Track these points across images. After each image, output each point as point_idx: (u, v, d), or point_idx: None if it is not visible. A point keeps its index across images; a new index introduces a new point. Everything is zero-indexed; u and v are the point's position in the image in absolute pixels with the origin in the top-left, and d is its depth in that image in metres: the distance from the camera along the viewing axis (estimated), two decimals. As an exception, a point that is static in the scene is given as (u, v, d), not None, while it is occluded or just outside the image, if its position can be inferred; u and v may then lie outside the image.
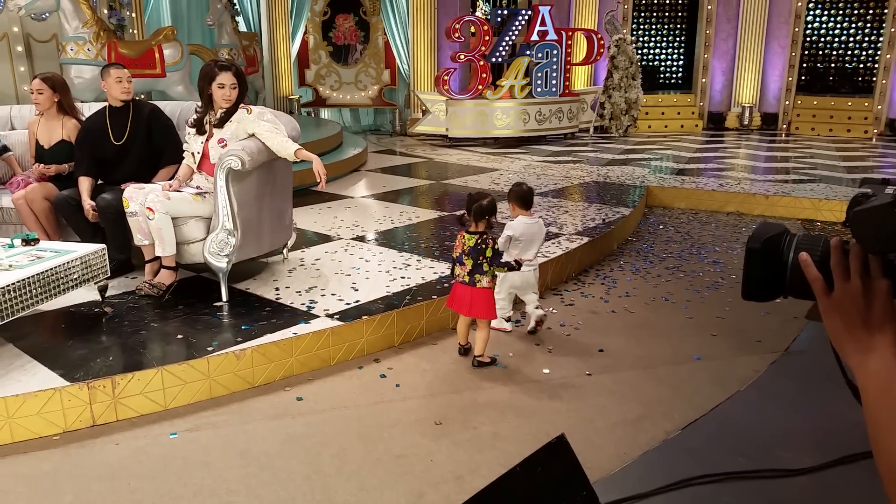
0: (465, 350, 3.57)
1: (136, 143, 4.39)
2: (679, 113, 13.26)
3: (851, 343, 0.92)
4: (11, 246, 3.52)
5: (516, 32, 10.99)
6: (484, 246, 3.34)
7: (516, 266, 3.42)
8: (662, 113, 13.20)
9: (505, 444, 2.78)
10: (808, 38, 13.07)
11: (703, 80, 13.24)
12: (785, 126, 12.94)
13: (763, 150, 10.66)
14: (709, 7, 12.96)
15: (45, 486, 2.52)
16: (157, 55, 8.52)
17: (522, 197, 3.77)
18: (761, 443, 2.78)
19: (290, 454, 2.71)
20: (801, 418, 2.99)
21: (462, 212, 3.54)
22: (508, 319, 3.91)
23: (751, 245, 1.00)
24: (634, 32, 13.58)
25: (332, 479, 2.54)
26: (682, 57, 14.11)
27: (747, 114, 12.96)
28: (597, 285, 4.73)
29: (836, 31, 13.01)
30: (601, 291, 4.60)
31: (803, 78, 13.13)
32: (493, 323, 3.78)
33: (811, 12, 12.94)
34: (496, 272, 3.40)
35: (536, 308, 3.83)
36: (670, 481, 2.46)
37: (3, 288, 3.01)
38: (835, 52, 13.10)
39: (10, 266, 3.21)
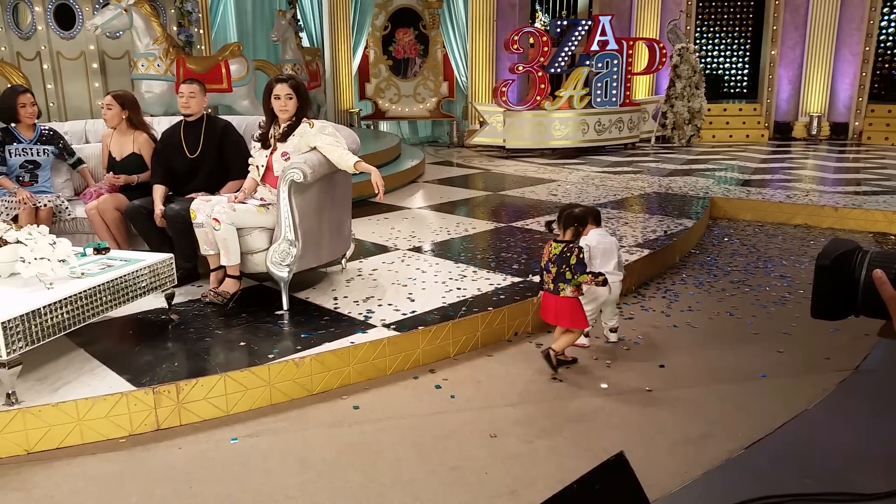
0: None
1: (207, 157, 4.52)
2: (744, 122, 12.93)
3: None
4: (83, 255, 3.66)
5: (576, 43, 10.93)
6: (569, 254, 3.35)
7: (602, 275, 3.39)
8: (727, 122, 12.90)
9: (562, 459, 2.75)
10: (882, 45, 12.58)
11: (770, 88, 12.88)
12: (856, 136, 12.48)
13: (832, 160, 10.30)
14: (775, 14, 12.62)
15: (112, 488, 2.61)
16: (223, 70, 8.78)
17: (595, 212, 3.74)
18: (830, 465, 2.66)
19: (346, 462, 2.74)
20: (872, 440, 2.85)
21: (551, 219, 3.59)
22: (587, 335, 3.86)
23: (821, 262, 0.96)
24: (698, 41, 13.32)
25: (388, 489, 2.55)
26: (747, 66, 13.77)
27: (816, 123, 12.54)
28: (658, 299, 4.63)
29: (912, 37, 12.51)
30: (662, 305, 4.51)
31: (876, 86, 12.64)
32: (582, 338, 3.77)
33: (885, 17, 12.47)
34: (580, 281, 3.37)
35: (614, 324, 3.81)
36: (733, 502, 2.38)
37: (75, 295, 3.14)
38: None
39: (83, 274, 3.34)
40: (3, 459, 2.79)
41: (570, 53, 10.97)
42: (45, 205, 4.50)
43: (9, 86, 6.52)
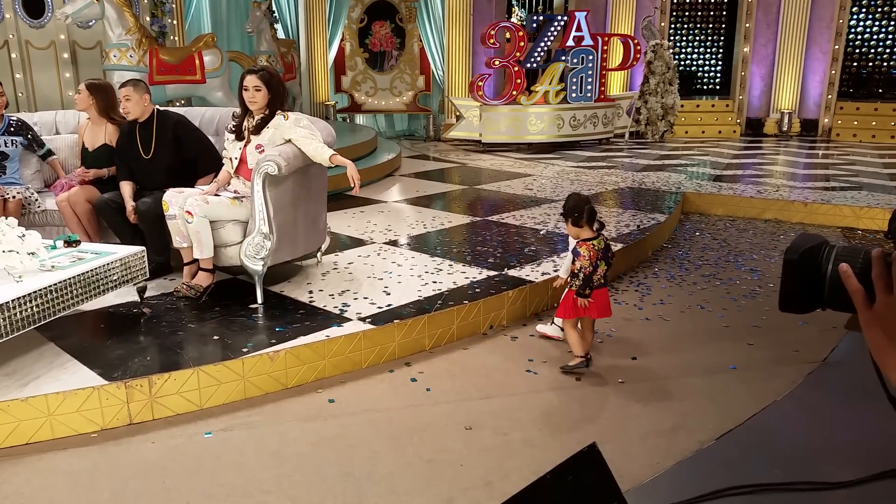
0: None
1: (163, 156, 4.44)
2: (717, 118, 13.09)
3: (894, 356, 0.90)
4: (54, 247, 3.61)
5: (552, 38, 10.96)
6: (605, 245, 3.45)
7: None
8: (700, 118, 13.05)
9: (535, 451, 2.77)
10: (851, 44, 12.80)
11: (742, 85, 13.04)
12: (826, 132, 12.69)
13: (802, 156, 10.46)
14: (748, 12, 12.78)
15: (84, 483, 2.58)
16: (197, 62, 8.66)
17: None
18: (798, 455, 2.72)
19: (322, 456, 2.74)
20: (840, 431, 2.92)
21: (568, 217, 3.45)
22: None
23: (788, 256, 0.98)
24: (672, 37, 13.44)
25: (364, 482, 2.56)
26: (720, 62, 13.93)
27: (786, 120, 12.73)
28: (630, 292, 4.68)
29: (881, 36, 12.73)
30: (635, 299, 4.56)
31: (845, 84, 12.86)
32: (548, 330, 3.80)
33: (854, 17, 12.69)
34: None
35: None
36: (703, 492, 2.42)
37: (45, 288, 3.09)
38: (879, 58, 12.82)
39: (53, 267, 3.29)
40: (-30, 455, 2.75)
41: (545, 49, 11.01)
42: (14, 196, 4.42)
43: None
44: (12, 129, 4.71)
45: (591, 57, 10.97)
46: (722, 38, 13.74)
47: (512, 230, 5.71)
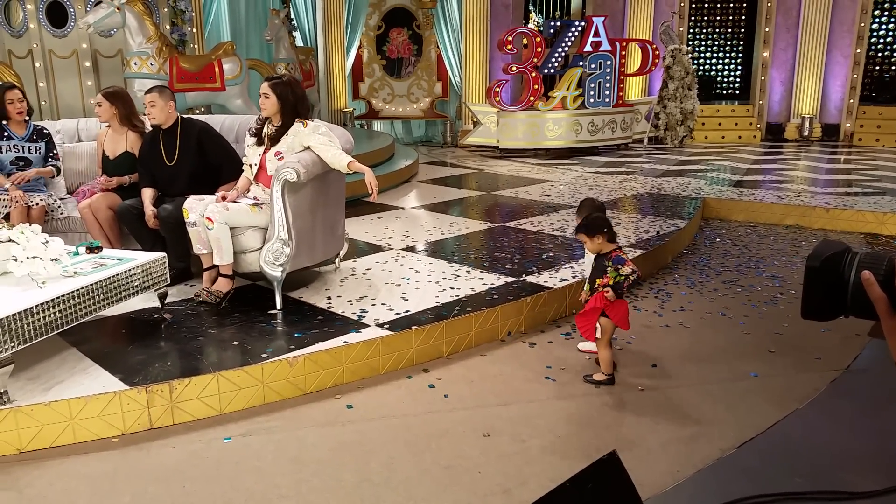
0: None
1: (186, 163, 4.47)
2: (736, 124, 12.99)
3: (917, 364, 0.89)
4: (76, 253, 3.65)
5: (569, 43, 10.95)
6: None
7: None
8: (719, 123, 12.96)
9: (554, 458, 2.76)
10: (873, 47, 12.66)
11: (762, 90, 12.94)
12: (847, 137, 12.55)
13: (824, 161, 10.35)
14: (768, 16, 12.68)
15: (104, 487, 2.60)
16: (216, 69, 8.75)
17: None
18: (820, 463, 2.69)
19: (339, 461, 2.74)
20: (863, 439, 2.88)
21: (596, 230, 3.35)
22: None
23: (811, 263, 0.97)
24: (690, 42, 13.37)
25: (381, 488, 2.56)
26: (739, 67, 13.83)
27: (807, 125, 12.61)
28: (650, 299, 4.65)
29: (904, 40, 12.59)
30: (655, 305, 4.53)
31: (867, 88, 12.72)
32: (589, 346, 3.72)
33: (876, 20, 12.55)
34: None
35: None
36: (725, 500, 2.39)
37: (67, 294, 3.13)
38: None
39: (75, 273, 3.34)
40: (-6, 459, 2.78)
41: (563, 54, 11.00)
42: (37, 203, 4.48)
43: None
44: (35, 136, 4.78)
45: (608, 62, 10.94)
46: (741, 42, 13.65)
47: (529, 236, 5.70)
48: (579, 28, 10.92)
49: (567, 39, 10.86)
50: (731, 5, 13.60)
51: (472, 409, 3.18)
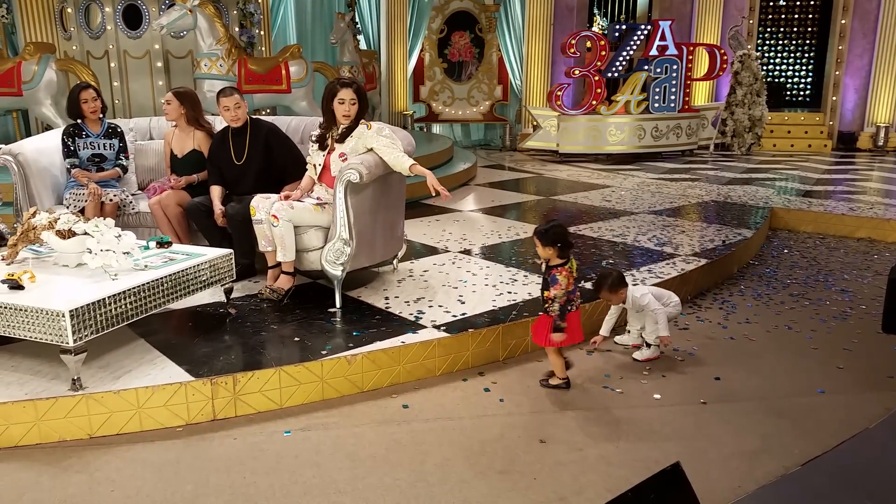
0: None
1: (255, 162, 4.57)
2: (806, 132, 12.58)
3: None
4: (147, 248, 3.78)
5: (634, 47, 10.79)
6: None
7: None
8: (788, 131, 12.57)
9: (612, 468, 2.72)
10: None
11: (834, 97, 12.50)
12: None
13: (900, 172, 9.94)
14: (842, 21, 12.25)
15: (168, 475, 2.68)
16: (283, 71, 8.93)
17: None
18: (891, 485, 2.58)
19: (395, 460, 2.76)
20: (940, 464, 2.75)
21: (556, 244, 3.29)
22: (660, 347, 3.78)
23: (894, 276, 0.94)
24: (760, 48, 13.01)
25: (436, 489, 2.57)
26: (810, 73, 13.39)
27: (882, 134, 12.12)
28: (714, 310, 4.54)
29: None
30: (719, 316, 4.42)
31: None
32: (647, 353, 3.71)
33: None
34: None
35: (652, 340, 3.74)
36: (789, 520, 2.32)
37: (138, 286, 3.24)
38: None
39: (146, 266, 3.45)
40: (68, 442, 2.90)
41: (628, 58, 10.85)
42: (111, 199, 4.66)
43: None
44: (110, 133, 4.96)
45: (675, 66, 10.74)
46: (813, 48, 13.20)
47: (589, 242, 5.63)
48: (645, 32, 10.76)
49: (632, 43, 10.71)
50: (804, 9, 13.15)
51: (528, 414, 3.16)
